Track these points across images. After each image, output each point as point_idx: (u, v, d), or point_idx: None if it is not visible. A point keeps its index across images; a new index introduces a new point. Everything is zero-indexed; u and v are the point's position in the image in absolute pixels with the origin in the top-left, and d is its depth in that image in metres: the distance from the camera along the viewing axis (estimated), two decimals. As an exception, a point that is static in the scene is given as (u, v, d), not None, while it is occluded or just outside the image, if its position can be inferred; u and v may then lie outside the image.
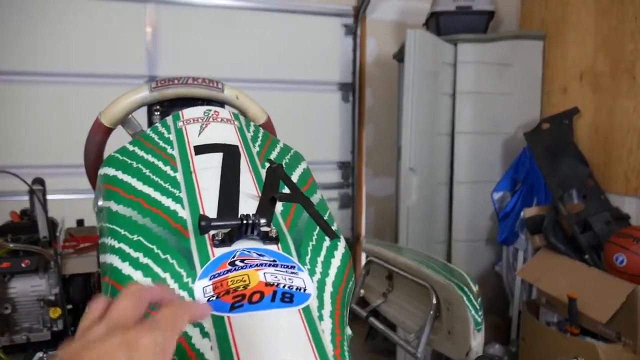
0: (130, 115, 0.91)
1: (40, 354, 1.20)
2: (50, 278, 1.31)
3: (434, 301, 1.25)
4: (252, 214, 0.54)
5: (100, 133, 0.90)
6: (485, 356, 0.83)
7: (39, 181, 1.48)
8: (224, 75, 3.34)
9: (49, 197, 1.53)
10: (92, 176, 0.94)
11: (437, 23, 3.11)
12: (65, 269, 1.35)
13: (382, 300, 1.57)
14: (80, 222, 1.78)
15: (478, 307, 1.13)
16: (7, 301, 1.28)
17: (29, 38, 3.13)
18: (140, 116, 1.03)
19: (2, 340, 1.28)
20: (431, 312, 1.25)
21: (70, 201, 2.81)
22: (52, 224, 1.42)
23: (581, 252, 2.38)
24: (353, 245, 3.74)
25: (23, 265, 1.26)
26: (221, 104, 0.94)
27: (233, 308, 0.46)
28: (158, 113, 0.93)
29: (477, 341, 1.12)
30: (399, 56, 3.31)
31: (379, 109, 3.77)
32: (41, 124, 3.17)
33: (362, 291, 1.67)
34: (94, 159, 0.92)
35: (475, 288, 1.16)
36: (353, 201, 3.78)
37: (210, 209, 0.57)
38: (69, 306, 1.36)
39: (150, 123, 0.94)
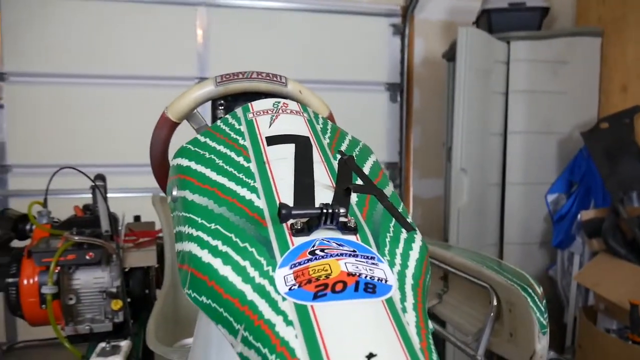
0: (195, 110, 0.92)
1: (103, 344, 1.24)
2: (112, 271, 1.34)
3: (495, 303, 1.22)
4: (330, 203, 0.53)
5: (166, 128, 0.91)
6: None
7: (101, 177, 1.52)
8: (273, 76, 3.40)
9: (108, 194, 1.58)
10: (158, 172, 0.95)
11: (488, 21, 3.05)
12: (125, 262, 1.38)
13: (437, 301, 1.54)
14: (137, 218, 1.82)
15: (543, 310, 1.10)
16: (71, 292, 1.32)
17: (88, 42, 3.25)
18: (202, 111, 1.05)
19: (67, 329, 1.32)
20: (492, 313, 1.22)
21: (128, 198, 2.90)
22: (113, 219, 1.46)
23: (643, 257, 2.29)
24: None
25: (87, 257, 1.30)
26: (284, 98, 0.94)
27: (316, 297, 0.45)
28: (222, 107, 0.94)
29: (542, 345, 1.08)
30: (449, 55, 3.26)
31: (427, 110, 3.73)
32: (101, 125, 3.29)
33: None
34: (159, 154, 0.93)
35: (539, 290, 1.13)
36: (400, 202, 3.74)
37: (286, 198, 0.57)
38: (129, 299, 1.39)
39: (214, 117, 0.95)
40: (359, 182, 0.62)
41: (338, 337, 0.42)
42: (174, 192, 0.65)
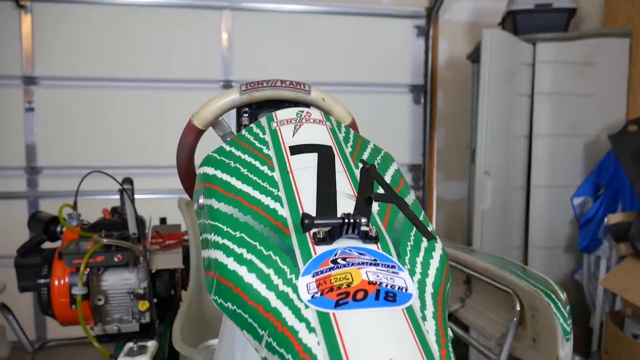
0: (220, 118, 0.94)
1: (130, 344, 1.27)
2: (139, 272, 1.37)
3: (518, 308, 1.22)
4: (351, 213, 0.54)
5: (192, 135, 0.93)
6: None
7: (129, 181, 1.55)
8: (296, 78, 3.43)
9: (134, 195, 1.62)
10: (184, 177, 0.97)
11: (514, 22, 3.02)
12: (152, 264, 1.42)
13: (460, 305, 1.54)
14: (163, 220, 1.85)
15: (567, 316, 1.09)
16: (100, 293, 1.35)
17: (116, 47, 3.32)
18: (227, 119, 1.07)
19: (95, 329, 1.36)
20: (515, 318, 1.22)
21: (154, 200, 2.96)
22: (141, 222, 1.50)
23: (672, 262, 2.24)
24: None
25: (116, 259, 1.33)
26: (307, 105, 0.96)
27: (338, 305, 0.47)
28: (246, 115, 0.96)
29: (565, 351, 1.07)
30: (474, 56, 3.24)
31: (451, 112, 3.71)
32: (128, 127, 3.36)
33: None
34: (185, 161, 0.96)
35: (563, 295, 1.12)
36: (423, 204, 3.73)
37: (308, 207, 0.58)
38: (155, 300, 1.42)
39: (239, 124, 0.97)
40: (381, 190, 0.63)
41: (359, 345, 0.44)
42: (200, 200, 0.67)
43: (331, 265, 0.51)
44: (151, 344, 1.27)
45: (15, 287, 1.44)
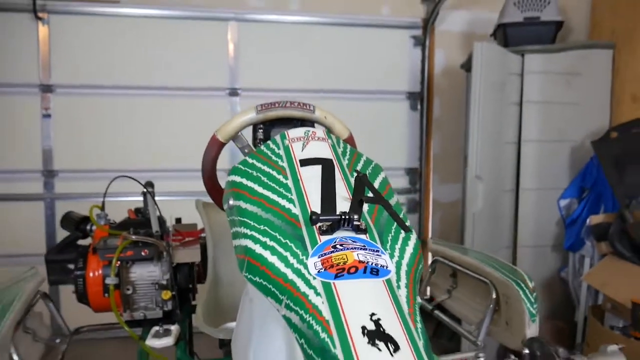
0: (239, 132, 1.13)
1: (156, 328, 1.46)
2: (162, 265, 1.55)
3: (494, 296, 1.40)
4: (347, 212, 0.73)
5: (215, 147, 1.12)
6: (535, 339, 0.97)
7: (150, 184, 1.74)
8: (299, 87, 3.63)
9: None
10: (208, 182, 1.16)
11: (504, 34, 3.20)
12: (173, 258, 1.60)
13: (447, 296, 1.72)
14: (178, 220, 2.03)
15: (533, 301, 1.27)
16: (129, 283, 1.53)
17: (128, 56, 3.51)
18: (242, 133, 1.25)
19: (124, 315, 1.54)
20: (491, 305, 1.40)
21: (165, 202, 3.14)
22: (162, 221, 1.68)
23: (647, 260, 2.42)
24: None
25: (142, 254, 1.51)
26: (312, 123, 1.14)
27: (337, 277, 0.65)
28: (261, 130, 1.14)
29: (531, 330, 1.26)
30: (467, 66, 3.42)
31: (447, 118, 3.89)
32: (140, 132, 3.55)
33: (428, 288, 1.83)
34: (209, 169, 1.14)
35: (531, 284, 1.30)
36: (420, 206, 3.92)
37: (315, 207, 0.77)
38: (177, 290, 1.60)
39: (255, 138, 1.15)
40: (370, 194, 0.81)
41: (351, 303, 0.62)
42: (231, 202, 0.86)
43: (332, 249, 0.69)
44: (174, 328, 1.46)
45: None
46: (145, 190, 1.67)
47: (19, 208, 3.46)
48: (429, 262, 1.84)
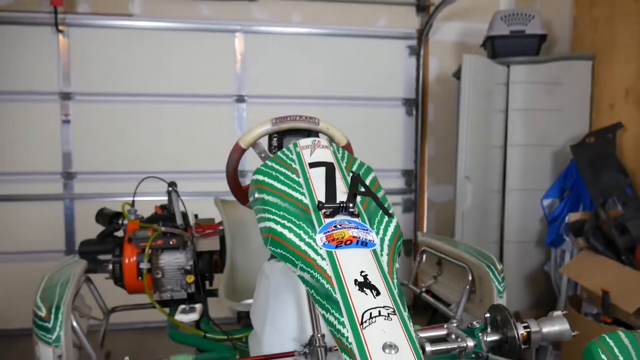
0: (258, 140, 1.38)
1: (183, 306, 1.71)
2: (187, 253, 1.81)
3: (470, 278, 1.65)
4: (345, 201, 0.98)
5: (238, 152, 1.37)
6: (496, 305, 1.20)
7: (174, 184, 2.00)
8: (302, 94, 3.89)
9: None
10: (231, 182, 1.41)
11: (492, 46, 3.46)
12: (197, 247, 1.85)
13: (433, 281, 1.97)
14: (195, 216, 2.28)
15: (501, 280, 1.53)
16: (158, 268, 1.79)
17: (142, 65, 3.76)
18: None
19: (154, 296, 1.79)
20: (467, 286, 1.66)
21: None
22: (186, 215, 1.94)
23: (618, 253, 2.67)
24: (415, 244, 4.13)
25: (171, 243, 1.77)
26: (317, 133, 1.40)
27: (337, 247, 0.91)
28: (275, 138, 1.40)
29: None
30: (459, 74, 3.66)
31: (440, 123, 4.14)
32: (152, 136, 3.81)
33: (417, 275, 2.09)
34: (232, 171, 1.40)
35: (500, 266, 1.56)
36: (415, 206, 4.17)
37: (320, 198, 1.02)
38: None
39: (270, 145, 1.41)
40: (362, 189, 1.07)
41: (347, 264, 0.88)
42: (256, 195, 1.11)
43: (333, 228, 0.95)
44: (198, 306, 1.72)
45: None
46: (171, 188, 1.93)
47: (40, 207, 3.71)
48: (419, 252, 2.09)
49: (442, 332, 1.06)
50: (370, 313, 0.79)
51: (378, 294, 0.83)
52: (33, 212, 3.70)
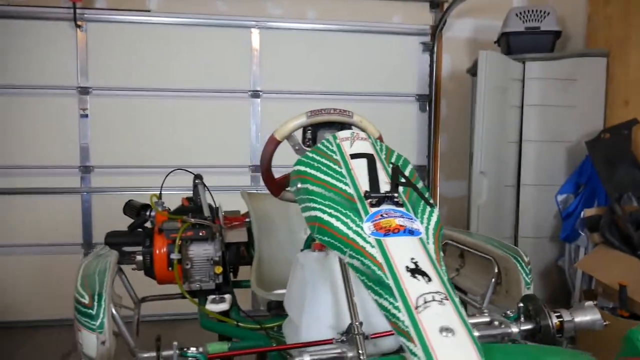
0: (293, 133, 1.41)
1: (213, 296, 1.75)
2: (215, 244, 1.83)
3: (496, 270, 1.68)
4: (389, 191, 1.01)
5: (273, 144, 1.40)
6: (528, 295, 1.23)
7: (200, 176, 2.03)
8: (316, 89, 3.92)
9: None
10: (265, 173, 1.44)
11: (507, 42, 3.48)
12: (225, 238, 1.88)
13: (456, 274, 2.00)
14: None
15: (528, 272, 1.56)
16: (188, 259, 1.81)
17: (160, 61, 3.79)
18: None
19: (184, 287, 1.83)
20: (493, 279, 1.69)
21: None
22: (213, 208, 1.97)
23: (634, 248, 2.69)
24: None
25: (200, 234, 1.80)
26: (350, 125, 1.43)
27: (385, 235, 0.94)
28: (310, 131, 1.43)
29: (526, 295, 1.53)
30: (472, 70, 3.70)
31: (453, 119, 4.16)
32: (169, 131, 3.84)
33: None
34: (267, 162, 1.43)
35: (527, 259, 1.59)
36: (428, 201, 4.18)
37: (364, 188, 1.06)
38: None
39: (304, 137, 1.44)
40: (403, 180, 1.10)
41: (396, 251, 0.91)
42: (299, 185, 1.14)
43: (380, 217, 0.98)
44: (227, 297, 1.75)
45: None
46: (199, 180, 1.96)
47: (58, 201, 3.75)
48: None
49: (485, 319, 1.09)
50: (425, 298, 0.82)
51: (429, 280, 0.86)
52: (51, 205, 3.74)
